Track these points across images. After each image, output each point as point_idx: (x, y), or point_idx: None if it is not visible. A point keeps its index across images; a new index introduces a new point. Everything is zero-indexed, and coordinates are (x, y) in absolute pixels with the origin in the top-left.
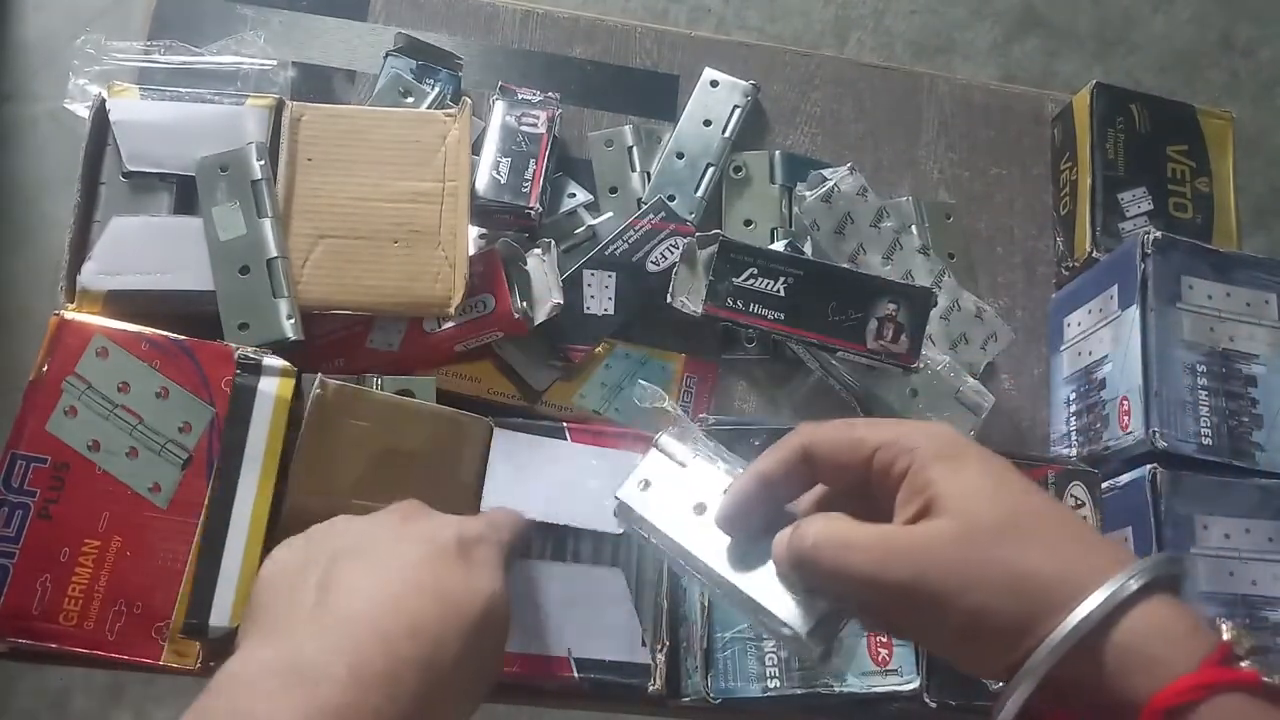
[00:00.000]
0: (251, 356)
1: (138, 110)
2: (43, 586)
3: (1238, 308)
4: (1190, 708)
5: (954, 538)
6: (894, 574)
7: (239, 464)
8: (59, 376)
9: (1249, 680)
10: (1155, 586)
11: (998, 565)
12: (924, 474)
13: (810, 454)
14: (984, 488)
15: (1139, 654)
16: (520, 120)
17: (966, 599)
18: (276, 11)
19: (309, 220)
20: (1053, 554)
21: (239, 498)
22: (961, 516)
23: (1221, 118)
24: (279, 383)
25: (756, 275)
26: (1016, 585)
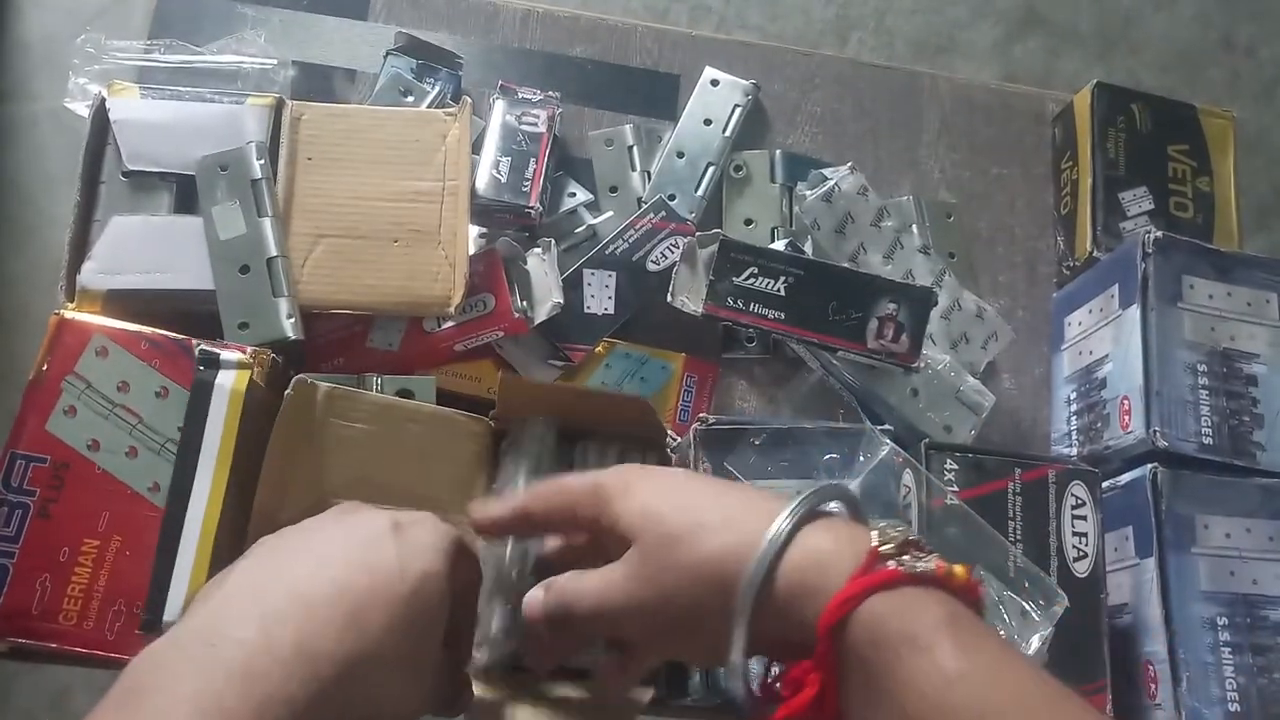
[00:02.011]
0: (210, 350)
1: (138, 109)
2: (42, 586)
3: (1238, 307)
4: (847, 620)
5: (644, 559)
6: (615, 605)
7: (195, 460)
8: (59, 376)
9: (891, 577)
10: (810, 521)
11: (685, 565)
12: (609, 513)
13: (529, 516)
14: (654, 504)
15: (804, 587)
16: (520, 119)
17: (673, 605)
18: (277, 10)
19: (309, 219)
20: (722, 536)
21: (194, 493)
22: (644, 537)
23: (1223, 117)
24: (235, 375)
25: (757, 275)
26: (706, 573)
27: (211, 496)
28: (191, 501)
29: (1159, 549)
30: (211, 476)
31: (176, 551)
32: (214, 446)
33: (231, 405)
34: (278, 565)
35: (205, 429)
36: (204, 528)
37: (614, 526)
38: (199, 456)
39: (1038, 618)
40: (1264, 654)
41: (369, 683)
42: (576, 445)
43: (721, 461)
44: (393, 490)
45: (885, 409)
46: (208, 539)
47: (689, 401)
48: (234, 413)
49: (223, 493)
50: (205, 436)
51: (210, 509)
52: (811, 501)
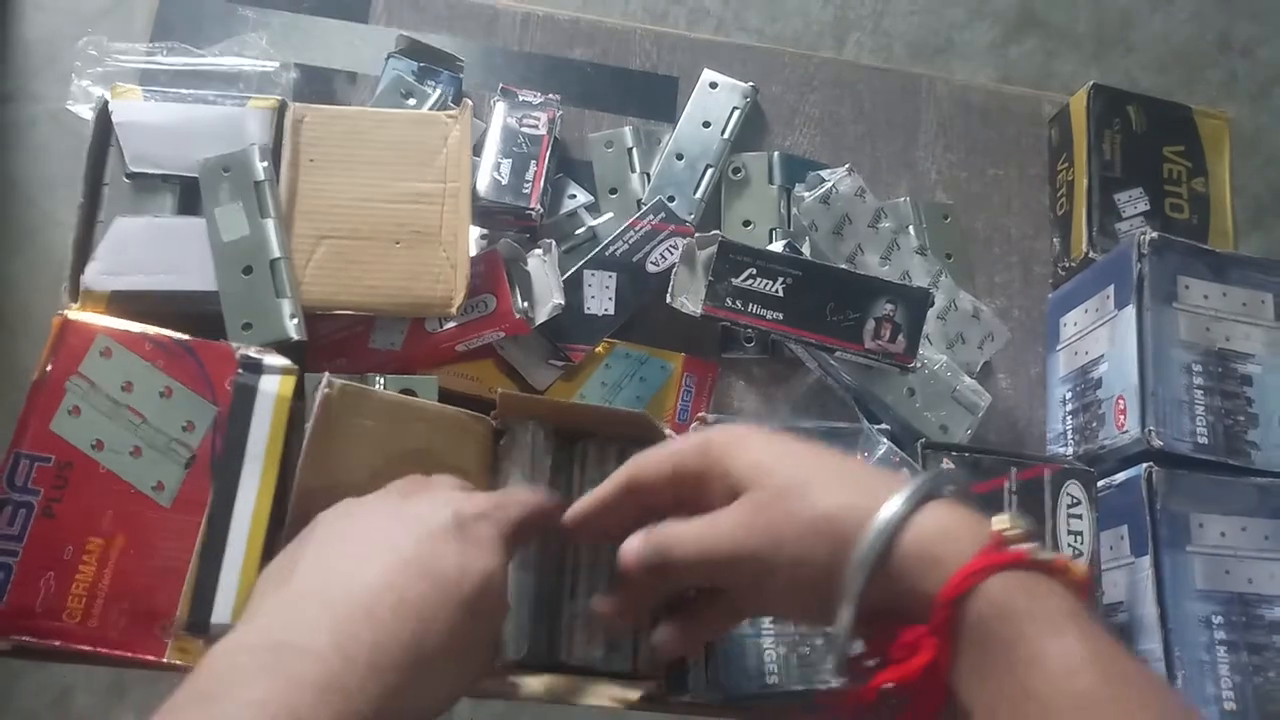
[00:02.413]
0: (253, 356)
1: (141, 111)
2: (46, 584)
3: (1234, 308)
4: (972, 593)
5: (758, 506)
6: (720, 550)
7: (240, 462)
8: (63, 376)
9: (1017, 559)
10: (933, 499)
11: (800, 516)
12: (721, 464)
13: (633, 484)
14: (771, 457)
15: (927, 556)
16: (521, 122)
17: (784, 553)
18: (278, 13)
19: (311, 221)
20: (843, 494)
21: (240, 496)
22: (759, 486)
23: (1218, 118)
24: (280, 381)
25: (755, 276)
26: (820, 528)
27: (259, 499)
28: (237, 504)
29: (1154, 548)
30: (259, 479)
31: (224, 553)
32: (260, 450)
33: (278, 410)
34: (345, 565)
35: (250, 433)
36: (252, 529)
37: (724, 477)
38: (243, 459)
39: None
40: (1259, 652)
41: (430, 683)
42: (576, 445)
43: None
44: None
45: (882, 409)
46: (256, 540)
47: (688, 401)
48: (280, 417)
49: (271, 495)
50: (250, 440)
51: (259, 511)
52: (935, 481)
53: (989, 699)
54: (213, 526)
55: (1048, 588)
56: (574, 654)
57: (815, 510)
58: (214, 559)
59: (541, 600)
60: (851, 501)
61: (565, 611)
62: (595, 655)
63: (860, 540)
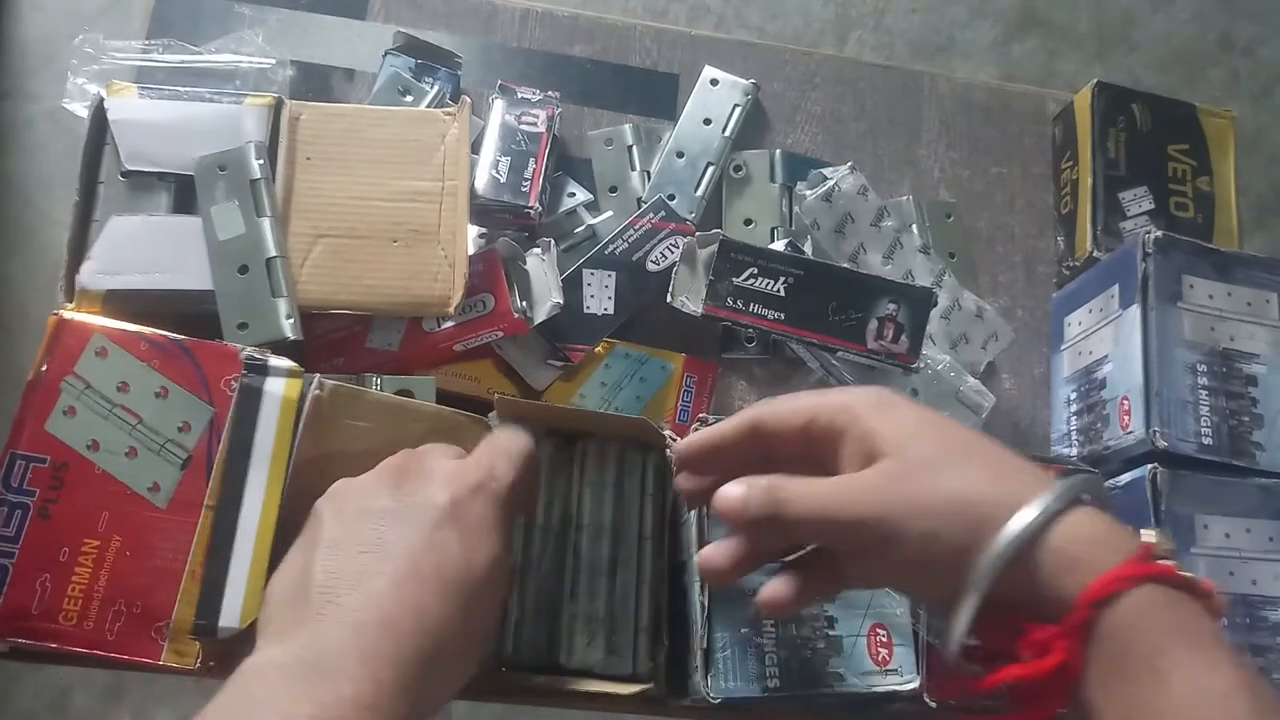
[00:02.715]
0: (257, 357)
1: (136, 109)
2: (42, 586)
3: (1238, 307)
4: (1115, 598)
5: (898, 473)
6: (850, 512)
7: (246, 465)
8: (58, 376)
9: (1166, 573)
10: (1081, 501)
11: (940, 492)
12: (862, 425)
13: (760, 426)
14: (918, 427)
15: (1070, 557)
16: (520, 119)
17: (916, 525)
18: (275, 10)
19: (308, 219)
20: (987, 478)
21: (247, 499)
22: (902, 454)
23: (1223, 117)
24: (286, 384)
25: (756, 275)
26: (958, 508)
27: (267, 502)
28: (244, 506)
29: None
30: (265, 481)
31: (230, 556)
32: (266, 452)
33: (284, 412)
34: (357, 576)
35: (255, 434)
36: (260, 532)
37: (864, 439)
38: (249, 462)
39: None
40: (1263, 654)
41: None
42: (576, 444)
43: None
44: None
45: None
46: (264, 543)
47: (689, 401)
48: (287, 420)
49: (279, 497)
50: (256, 441)
51: (266, 514)
52: (1083, 484)
53: (1123, 709)
54: (218, 529)
55: (1192, 608)
56: (573, 656)
57: (958, 489)
58: (220, 562)
59: (541, 602)
60: (998, 488)
61: (565, 613)
62: (595, 658)
63: (1003, 530)
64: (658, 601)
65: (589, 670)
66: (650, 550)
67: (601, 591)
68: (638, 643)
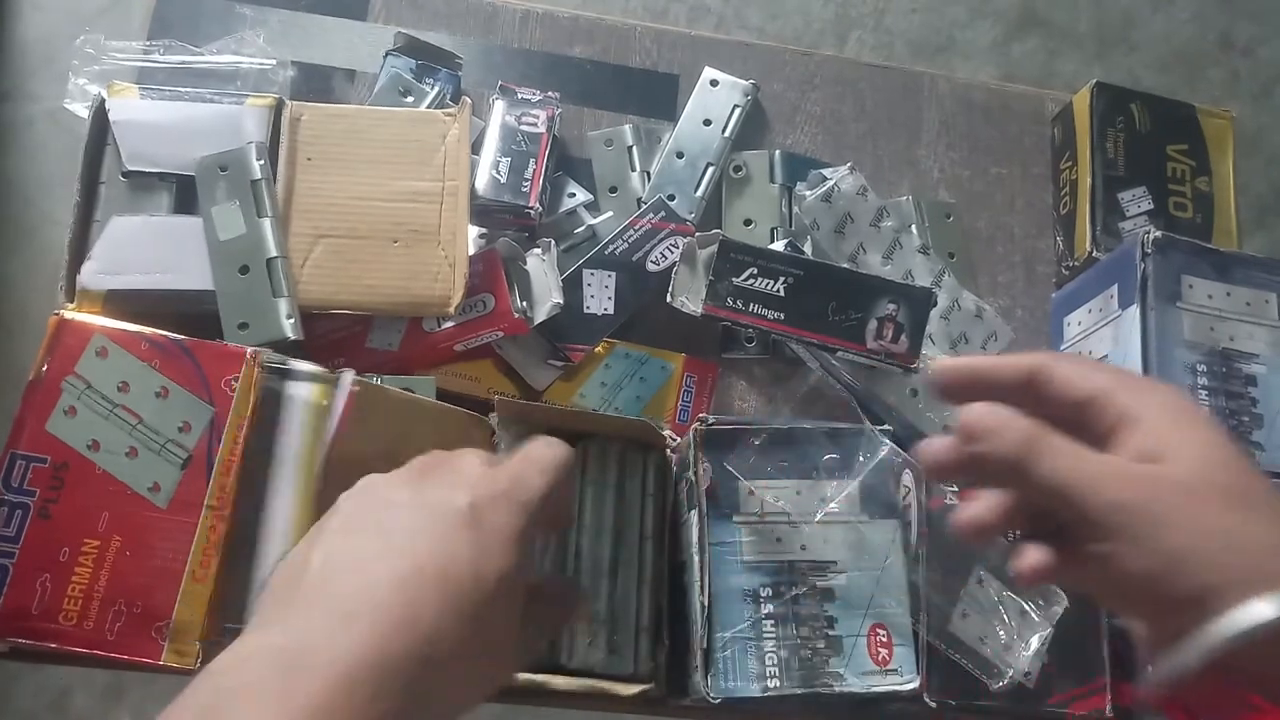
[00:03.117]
0: (277, 360)
1: (137, 110)
2: (42, 586)
3: (1238, 307)
4: None
5: (1183, 483)
6: (1115, 493)
7: (270, 468)
8: (58, 376)
9: None
10: None
11: (1220, 519)
12: (1157, 424)
13: (1043, 379)
14: (1216, 452)
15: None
16: (520, 120)
17: (1177, 536)
18: (276, 11)
19: (308, 220)
20: (1261, 526)
21: (274, 503)
22: (1194, 469)
23: (1222, 117)
24: (313, 388)
25: (756, 275)
26: (1233, 542)
27: (298, 504)
28: (272, 510)
29: None
30: (294, 485)
31: (255, 559)
32: (292, 454)
33: (314, 416)
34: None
35: (280, 438)
36: (292, 537)
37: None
38: (272, 464)
39: (1037, 618)
40: None
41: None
42: (577, 444)
43: (721, 462)
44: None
45: (885, 409)
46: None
47: (689, 401)
48: (314, 423)
49: (310, 500)
50: (281, 445)
51: (299, 516)
52: None
53: None
54: (240, 531)
55: None
56: (574, 656)
57: (1245, 527)
58: (245, 564)
59: None
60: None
61: None
62: (596, 658)
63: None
64: (658, 601)
65: (590, 670)
66: (651, 550)
67: (602, 591)
68: (638, 643)
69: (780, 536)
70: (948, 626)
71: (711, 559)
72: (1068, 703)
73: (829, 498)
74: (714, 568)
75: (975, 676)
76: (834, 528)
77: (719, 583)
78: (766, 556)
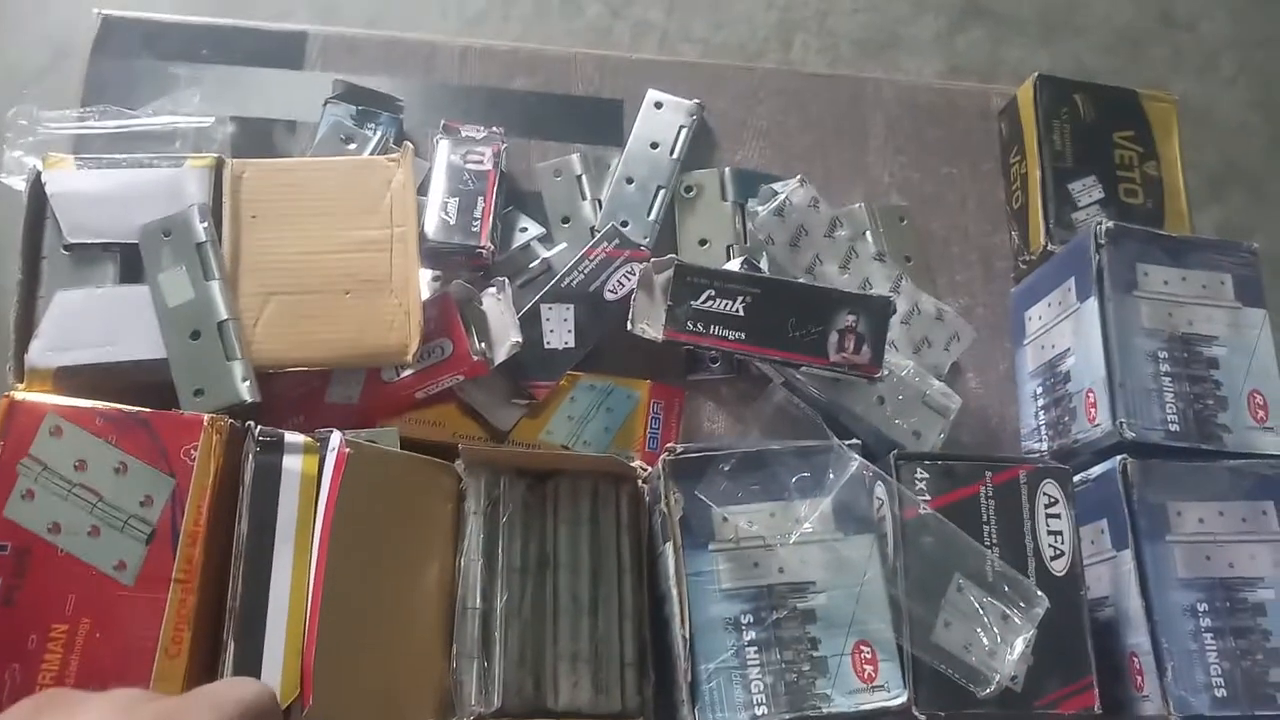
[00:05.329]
0: (270, 434)
1: (75, 181)
2: (11, 677)
3: (1194, 291)
4: None
5: None
6: None
7: (271, 543)
8: (13, 459)
9: None
10: None
11: None
12: None
13: None
14: None
15: None
16: (465, 158)
17: None
18: (211, 67)
19: (257, 278)
20: None
21: (275, 580)
22: None
23: (1165, 100)
24: (303, 459)
25: (714, 296)
26: None
27: (295, 578)
28: (273, 588)
29: (1134, 540)
30: (291, 559)
31: (263, 638)
32: (290, 531)
33: (304, 488)
34: None
35: (279, 513)
36: (291, 610)
37: None
38: (274, 541)
39: (1019, 621)
40: (1245, 636)
41: None
42: (548, 482)
43: (692, 490)
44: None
45: (853, 420)
46: (297, 618)
47: (657, 429)
48: (308, 495)
49: (305, 573)
50: (279, 521)
51: (295, 590)
52: None
53: None
54: (246, 612)
55: None
56: (560, 699)
57: None
58: (252, 646)
59: (525, 648)
60: None
61: (549, 655)
62: (582, 698)
63: None
64: (641, 635)
65: (577, 711)
66: (630, 583)
67: (584, 630)
68: (624, 678)
69: (757, 561)
70: (931, 637)
71: (690, 590)
72: (1056, 703)
73: (803, 518)
74: (693, 599)
75: (963, 685)
76: (810, 547)
77: (699, 614)
78: (745, 582)
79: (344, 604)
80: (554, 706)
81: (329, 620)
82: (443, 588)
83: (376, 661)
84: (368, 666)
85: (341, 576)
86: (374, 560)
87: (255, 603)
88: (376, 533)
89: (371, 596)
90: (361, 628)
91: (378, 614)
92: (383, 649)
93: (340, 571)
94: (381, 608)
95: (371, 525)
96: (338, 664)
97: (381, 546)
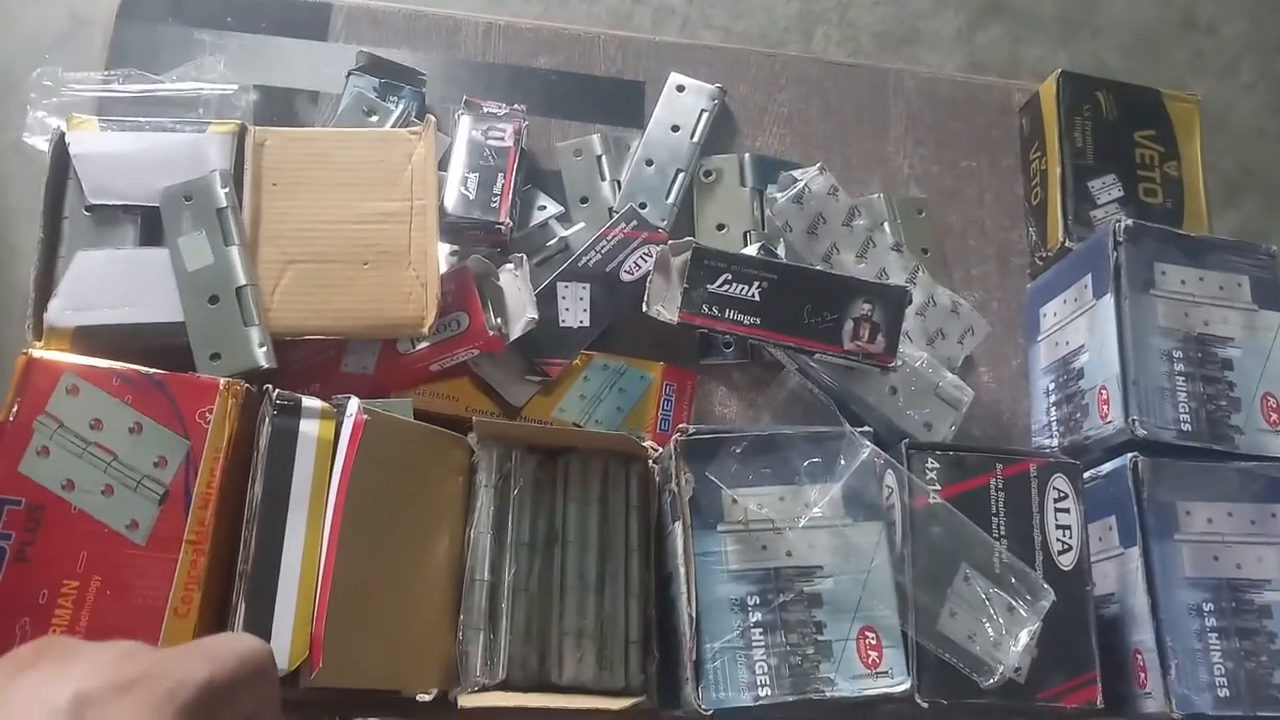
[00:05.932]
0: (288, 398)
1: (98, 142)
2: (22, 631)
3: (1211, 291)
4: None
5: None
6: None
7: (284, 507)
8: (29, 416)
9: None
10: None
11: None
12: None
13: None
14: None
15: None
16: (487, 134)
17: None
18: (236, 35)
19: (277, 246)
20: None
21: (288, 544)
22: None
23: (1187, 101)
24: (320, 425)
25: (731, 281)
26: None
27: (308, 542)
28: (286, 551)
29: (1142, 538)
30: (305, 523)
31: (275, 601)
32: (304, 493)
33: (320, 453)
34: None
35: (293, 477)
36: (302, 574)
37: None
38: (288, 506)
39: (1025, 613)
40: (1250, 637)
41: None
42: (559, 460)
43: (703, 471)
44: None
45: (865, 409)
46: (308, 584)
47: (669, 410)
48: (323, 461)
49: (318, 538)
50: (294, 485)
51: (308, 555)
52: None
53: None
54: (258, 576)
55: None
56: (565, 674)
57: None
58: (265, 606)
59: (531, 621)
60: None
61: (555, 631)
62: (586, 674)
63: None
64: (647, 614)
65: (581, 686)
66: (637, 563)
67: (590, 606)
68: (628, 656)
69: (765, 544)
70: (936, 626)
71: (697, 570)
72: (1059, 696)
73: (812, 502)
74: (700, 578)
75: (966, 675)
76: (818, 532)
77: (706, 593)
78: (752, 564)
79: (355, 570)
80: (558, 681)
81: (340, 586)
82: (452, 559)
83: (384, 629)
84: (376, 633)
85: (354, 543)
86: (386, 528)
87: (267, 565)
88: (389, 501)
89: (382, 564)
90: (371, 595)
91: (387, 582)
92: (391, 617)
93: (353, 538)
94: (391, 576)
95: (385, 493)
96: (347, 629)
97: (394, 515)
